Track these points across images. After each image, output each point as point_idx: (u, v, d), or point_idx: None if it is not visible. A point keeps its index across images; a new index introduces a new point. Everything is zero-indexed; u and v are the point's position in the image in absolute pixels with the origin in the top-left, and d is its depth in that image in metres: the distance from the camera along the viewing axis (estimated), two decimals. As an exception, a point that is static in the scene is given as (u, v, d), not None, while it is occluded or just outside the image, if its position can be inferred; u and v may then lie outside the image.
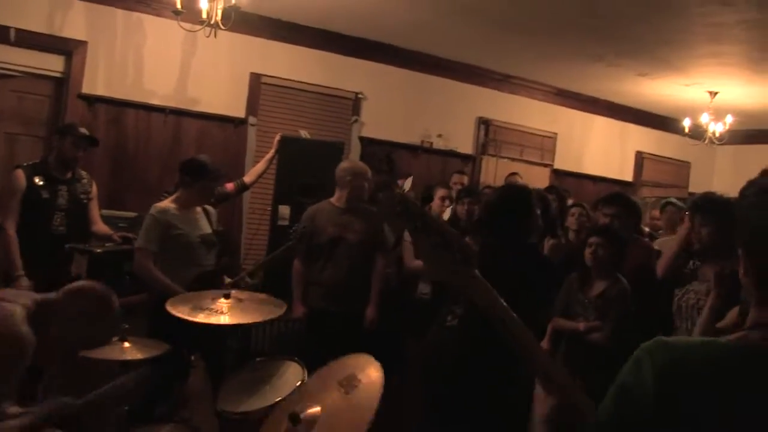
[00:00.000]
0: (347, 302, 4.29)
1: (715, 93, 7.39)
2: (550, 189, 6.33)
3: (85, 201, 4.46)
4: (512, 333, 1.20)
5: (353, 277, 4.30)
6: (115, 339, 2.92)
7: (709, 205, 3.42)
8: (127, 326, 3.05)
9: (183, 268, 3.79)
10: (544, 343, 3.82)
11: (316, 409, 2.35)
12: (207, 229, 4.02)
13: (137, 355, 2.99)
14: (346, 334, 4.14)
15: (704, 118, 7.67)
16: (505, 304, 1.22)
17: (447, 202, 4.84)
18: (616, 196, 4.35)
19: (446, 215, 5.09)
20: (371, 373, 2.36)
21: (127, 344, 3.00)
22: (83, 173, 4.52)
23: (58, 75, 5.73)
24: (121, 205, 5.61)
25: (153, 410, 3.64)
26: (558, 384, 1.21)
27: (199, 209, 4.05)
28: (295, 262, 4.39)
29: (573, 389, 1.22)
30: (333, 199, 4.45)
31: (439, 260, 1.18)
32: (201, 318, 3.02)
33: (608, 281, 3.65)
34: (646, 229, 5.68)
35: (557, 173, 8.47)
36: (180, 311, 3.06)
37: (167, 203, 3.91)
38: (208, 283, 3.71)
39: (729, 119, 7.73)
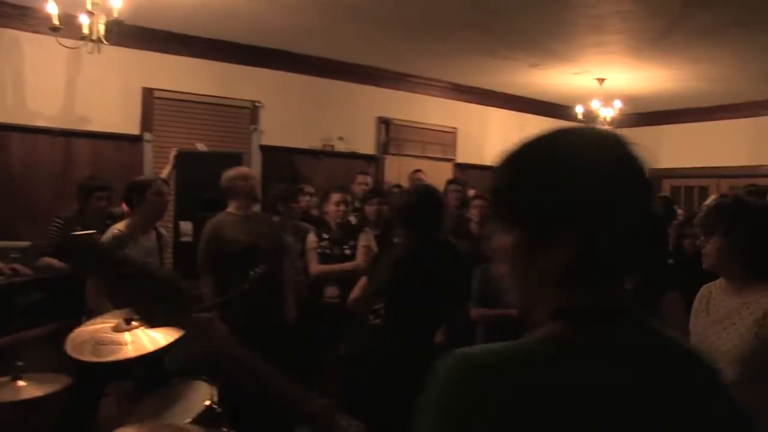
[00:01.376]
0: (269, 313, 4.20)
1: (603, 80, 7.70)
2: (453, 181, 6.50)
3: (-31, 233, 4.23)
4: (248, 370, 1.16)
5: (271, 285, 4.17)
6: (5, 379, 2.76)
7: None
8: (20, 363, 2.90)
9: None
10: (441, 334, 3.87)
11: None
12: (157, 261, 3.94)
13: (35, 393, 2.84)
14: (270, 347, 4.06)
15: (595, 104, 7.97)
16: (234, 342, 1.17)
17: (342, 207, 4.77)
18: None
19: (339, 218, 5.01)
20: None
21: (21, 382, 2.83)
22: (-35, 204, 4.28)
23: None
24: (13, 234, 5.33)
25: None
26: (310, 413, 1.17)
27: (153, 237, 3.96)
28: (206, 282, 4.18)
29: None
30: (231, 209, 4.34)
31: (151, 308, 1.09)
32: (103, 357, 2.87)
33: None
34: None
35: (460, 167, 8.62)
36: (81, 354, 2.90)
37: (121, 228, 3.76)
38: None
39: (617, 104, 8.07)
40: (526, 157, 0.96)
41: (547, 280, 0.94)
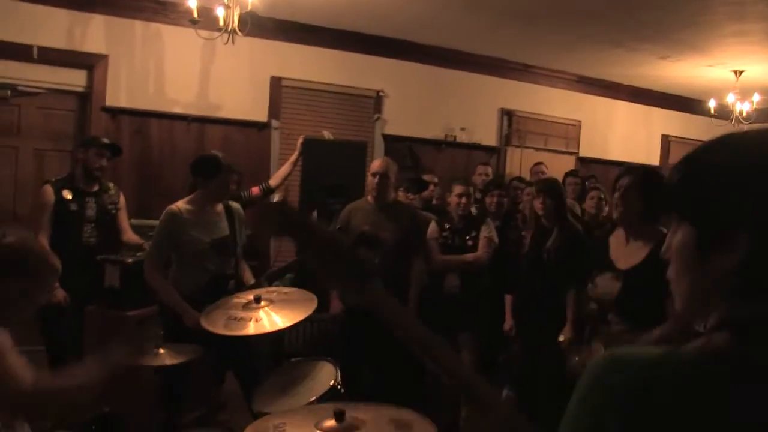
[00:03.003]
0: None
1: (741, 72, 7.27)
2: (571, 173, 6.58)
3: (113, 211, 4.52)
4: (422, 344, 1.13)
5: (387, 275, 4.27)
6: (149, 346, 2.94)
7: None
8: (162, 332, 3.09)
9: (194, 273, 3.72)
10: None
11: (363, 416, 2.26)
12: (223, 231, 3.84)
13: (173, 360, 3.02)
14: (381, 332, 4.16)
15: (730, 98, 7.55)
16: (412, 315, 1.16)
17: (465, 199, 4.71)
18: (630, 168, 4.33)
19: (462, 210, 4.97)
20: (427, 428, 2.23)
21: (161, 350, 3.02)
22: (110, 185, 4.58)
23: (81, 89, 5.81)
24: (150, 213, 5.65)
25: (186, 415, 3.68)
26: (483, 400, 1.11)
27: (220, 209, 3.88)
28: None
29: (500, 407, 1.13)
30: (369, 197, 4.51)
31: (333, 274, 1.11)
32: (238, 331, 3.02)
33: None
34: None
35: (583, 161, 8.40)
36: (214, 326, 3.07)
37: (181, 204, 3.77)
38: (222, 288, 3.68)
39: (756, 98, 7.60)
40: (703, 157, 0.93)
41: (713, 286, 0.89)
